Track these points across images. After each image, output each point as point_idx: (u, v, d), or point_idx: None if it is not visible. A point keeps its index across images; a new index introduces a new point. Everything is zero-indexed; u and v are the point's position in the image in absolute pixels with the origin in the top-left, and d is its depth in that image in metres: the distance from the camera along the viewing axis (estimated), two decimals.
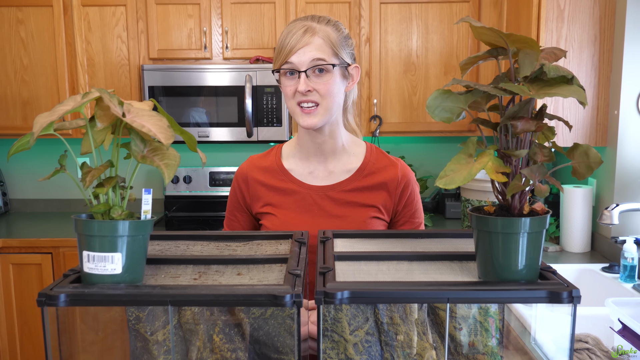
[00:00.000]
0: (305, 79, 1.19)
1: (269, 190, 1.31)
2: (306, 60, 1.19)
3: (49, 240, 2.71)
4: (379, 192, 1.29)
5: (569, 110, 2.34)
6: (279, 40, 1.24)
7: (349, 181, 1.29)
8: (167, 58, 2.95)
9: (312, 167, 1.32)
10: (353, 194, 1.28)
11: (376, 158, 1.33)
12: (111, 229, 0.70)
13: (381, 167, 1.31)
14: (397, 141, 3.29)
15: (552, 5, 2.29)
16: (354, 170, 1.30)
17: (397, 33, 2.90)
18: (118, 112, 0.70)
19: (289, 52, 1.20)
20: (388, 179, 1.30)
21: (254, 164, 1.36)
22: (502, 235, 0.72)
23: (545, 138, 0.75)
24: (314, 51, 1.19)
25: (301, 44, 1.19)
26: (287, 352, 0.84)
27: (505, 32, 0.70)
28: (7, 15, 2.91)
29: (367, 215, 1.28)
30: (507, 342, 1.01)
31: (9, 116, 2.97)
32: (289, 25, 1.24)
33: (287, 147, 1.37)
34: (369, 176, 1.30)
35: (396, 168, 1.31)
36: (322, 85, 1.21)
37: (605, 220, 1.89)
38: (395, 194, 1.30)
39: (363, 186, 1.29)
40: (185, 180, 3.23)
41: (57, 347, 0.76)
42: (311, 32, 1.20)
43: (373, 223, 1.29)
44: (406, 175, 1.32)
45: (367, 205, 1.28)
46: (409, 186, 1.31)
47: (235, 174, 1.37)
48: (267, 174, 1.32)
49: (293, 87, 1.21)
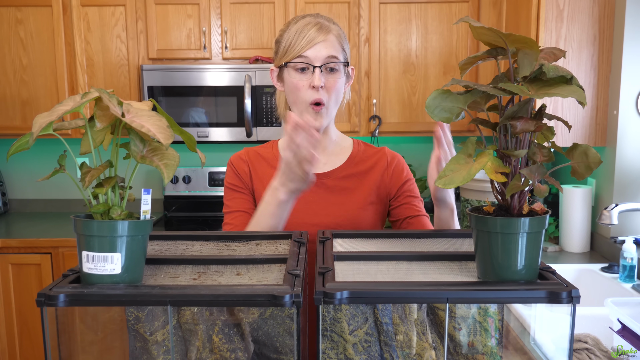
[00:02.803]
0: (320, 74, 1.21)
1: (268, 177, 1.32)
2: (322, 56, 1.21)
3: (48, 241, 2.71)
4: (372, 176, 1.33)
5: (568, 110, 2.34)
6: (286, 35, 1.24)
7: (342, 169, 1.33)
8: (166, 58, 2.94)
9: None
10: (347, 180, 1.31)
11: (364, 149, 1.38)
12: (110, 229, 0.70)
13: (370, 154, 1.36)
14: (396, 141, 3.29)
15: (552, 5, 2.30)
16: (345, 160, 1.34)
17: (396, 33, 2.91)
18: (117, 112, 0.70)
19: (305, 46, 1.20)
20: (378, 161, 1.35)
21: (252, 151, 1.37)
22: (502, 235, 0.72)
23: (545, 138, 0.75)
24: (329, 48, 1.21)
25: (319, 39, 1.20)
26: (286, 352, 0.84)
27: (505, 32, 0.70)
28: (6, 15, 2.90)
29: (364, 201, 1.30)
30: (507, 342, 1.01)
31: (8, 116, 2.97)
32: (298, 22, 1.24)
33: (282, 141, 1.38)
34: (360, 163, 1.34)
35: (384, 152, 1.37)
36: (333, 82, 1.23)
37: (604, 220, 1.89)
38: (388, 173, 1.34)
39: (356, 172, 1.33)
40: (184, 180, 3.23)
41: (57, 347, 0.76)
42: (326, 29, 1.22)
43: (370, 208, 1.31)
44: (394, 155, 1.38)
45: (362, 190, 1.31)
46: (400, 163, 1.36)
47: (232, 160, 1.36)
48: (265, 162, 1.35)
49: (307, 81, 1.22)
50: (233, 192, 1.34)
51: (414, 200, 1.34)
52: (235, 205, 1.32)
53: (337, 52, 1.23)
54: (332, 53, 1.22)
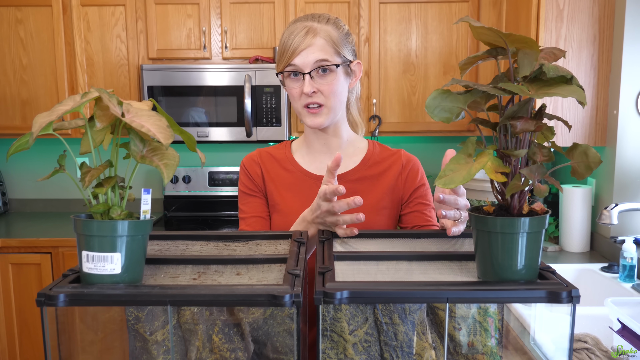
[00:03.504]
0: (310, 81, 1.20)
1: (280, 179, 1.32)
2: (310, 61, 1.20)
3: (48, 240, 2.71)
4: (386, 179, 1.31)
5: (568, 110, 2.34)
6: (281, 41, 1.24)
7: (355, 171, 1.31)
8: (166, 58, 2.94)
9: (317, 162, 1.33)
10: (360, 183, 1.30)
11: (380, 150, 1.35)
12: (110, 229, 0.70)
13: (385, 156, 1.34)
14: (396, 141, 3.29)
15: (552, 5, 2.30)
16: (359, 162, 1.32)
17: (396, 33, 2.90)
18: (117, 112, 0.70)
19: (292, 54, 1.20)
20: (393, 164, 1.32)
21: (264, 152, 1.36)
22: (502, 235, 0.72)
23: (545, 138, 0.75)
24: (317, 52, 1.20)
25: (304, 46, 1.19)
26: (286, 352, 0.84)
27: (505, 32, 0.70)
28: (6, 15, 2.90)
29: (377, 205, 1.28)
30: (507, 342, 1.01)
31: (8, 116, 2.97)
32: (290, 27, 1.24)
33: (295, 143, 1.39)
34: (374, 165, 1.32)
35: (400, 155, 1.34)
36: (327, 86, 1.22)
37: (604, 220, 1.89)
38: (402, 177, 1.31)
39: (369, 175, 1.31)
40: (184, 180, 3.23)
41: (57, 347, 0.76)
42: (312, 32, 1.20)
43: (384, 212, 1.29)
44: (410, 158, 1.34)
45: (375, 194, 1.29)
46: (416, 167, 1.33)
47: (244, 162, 1.35)
48: (277, 164, 1.34)
49: (299, 89, 1.22)
50: (247, 196, 1.34)
51: (426, 208, 1.31)
52: (250, 210, 1.32)
53: (328, 54, 1.21)
54: (320, 57, 1.20)
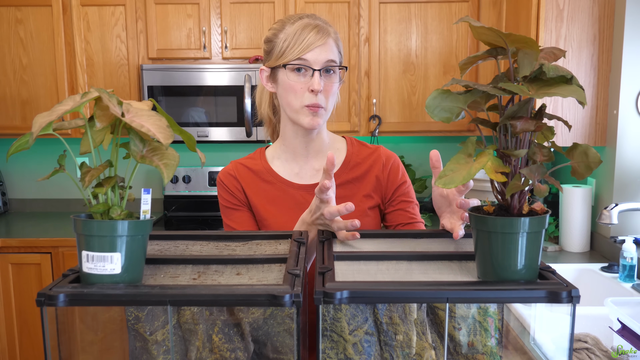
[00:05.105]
0: (319, 78, 1.20)
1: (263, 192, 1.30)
2: (321, 60, 1.20)
3: (48, 240, 2.71)
4: (368, 180, 1.30)
5: (568, 110, 2.34)
6: (283, 35, 1.22)
7: (337, 176, 1.28)
8: (166, 58, 2.94)
9: (297, 168, 1.31)
10: (343, 188, 1.28)
11: (358, 150, 1.35)
12: (110, 229, 0.70)
13: (365, 156, 1.33)
14: (396, 141, 3.29)
15: (551, 5, 2.30)
16: (339, 165, 1.31)
17: (396, 33, 2.90)
18: (117, 111, 0.70)
19: (305, 49, 1.19)
20: (373, 164, 1.32)
21: (239, 165, 1.32)
22: (502, 235, 0.72)
23: (545, 138, 0.75)
24: (328, 52, 1.21)
25: (319, 42, 1.19)
26: (286, 352, 0.84)
27: (505, 32, 0.70)
28: (6, 15, 2.90)
29: (363, 208, 1.28)
30: (507, 342, 1.01)
31: (8, 116, 2.97)
32: (296, 23, 1.21)
33: (270, 150, 1.35)
34: (355, 167, 1.32)
35: (379, 152, 1.34)
36: (330, 86, 1.22)
37: (604, 220, 1.89)
38: (383, 176, 1.31)
39: (351, 178, 1.30)
40: (184, 180, 3.23)
41: (57, 347, 0.76)
42: (324, 32, 1.21)
43: (370, 214, 1.29)
44: (390, 156, 1.35)
45: (359, 197, 1.28)
46: (396, 165, 1.34)
47: (220, 177, 1.31)
48: (256, 176, 1.31)
49: (304, 84, 1.21)
50: (231, 211, 1.30)
51: (409, 205, 1.32)
52: (239, 226, 1.28)
53: (335, 56, 1.22)
54: (330, 57, 1.21)
